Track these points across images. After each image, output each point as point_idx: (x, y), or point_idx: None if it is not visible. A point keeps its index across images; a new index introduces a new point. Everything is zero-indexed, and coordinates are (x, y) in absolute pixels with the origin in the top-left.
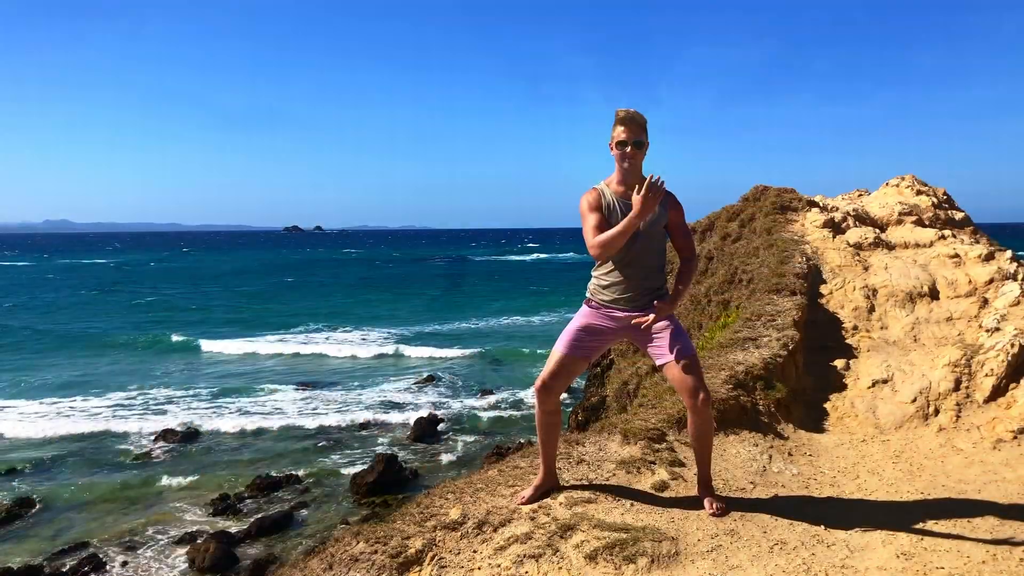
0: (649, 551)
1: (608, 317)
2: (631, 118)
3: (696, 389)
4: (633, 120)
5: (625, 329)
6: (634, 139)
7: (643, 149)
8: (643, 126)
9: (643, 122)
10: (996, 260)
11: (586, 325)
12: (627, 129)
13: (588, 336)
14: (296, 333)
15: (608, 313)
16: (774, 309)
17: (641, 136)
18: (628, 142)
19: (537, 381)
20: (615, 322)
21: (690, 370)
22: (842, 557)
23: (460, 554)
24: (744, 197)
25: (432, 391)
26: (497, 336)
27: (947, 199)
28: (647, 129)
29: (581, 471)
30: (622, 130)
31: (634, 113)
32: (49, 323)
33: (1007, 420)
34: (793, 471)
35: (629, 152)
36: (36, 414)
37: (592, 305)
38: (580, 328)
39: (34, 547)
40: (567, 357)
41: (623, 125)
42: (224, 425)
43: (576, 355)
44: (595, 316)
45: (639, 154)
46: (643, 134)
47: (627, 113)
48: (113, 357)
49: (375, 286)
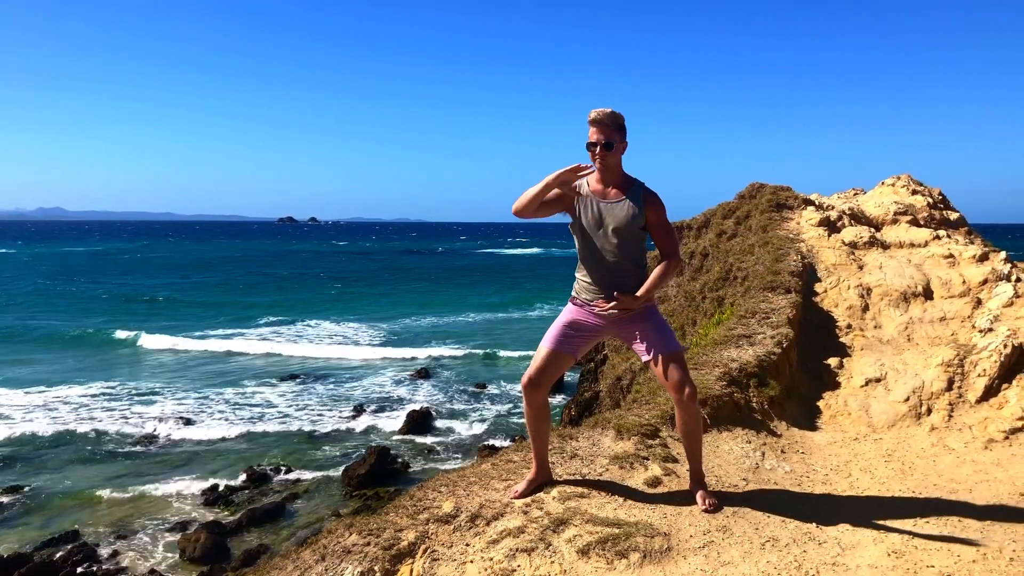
0: (641, 546)
1: (592, 314)
2: (599, 119)
3: (681, 383)
4: (601, 122)
5: (610, 326)
6: (604, 141)
7: (613, 150)
8: (614, 127)
9: (614, 123)
10: (990, 261)
11: (572, 321)
12: (596, 131)
13: (574, 332)
14: (271, 326)
15: (591, 310)
16: (769, 307)
17: (612, 137)
18: (597, 143)
19: (524, 377)
20: (600, 319)
21: (675, 365)
22: (833, 554)
23: (453, 547)
24: (740, 194)
25: (425, 384)
26: (491, 329)
27: (942, 199)
28: (623, 127)
29: (574, 466)
30: (592, 131)
31: (605, 114)
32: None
33: (999, 420)
34: (786, 468)
35: (598, 153)
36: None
37: (576, 303)
38: (566, 324)
39: (23, 536)
40: (553, 353)
41: (593, 127)
42: (216, 417)
43: (562, 351)
44: (580, 313)
45: (608, 155)
46: (615, 134)
47: (597, 115)
48: (62, 353)
49: (364, 279)
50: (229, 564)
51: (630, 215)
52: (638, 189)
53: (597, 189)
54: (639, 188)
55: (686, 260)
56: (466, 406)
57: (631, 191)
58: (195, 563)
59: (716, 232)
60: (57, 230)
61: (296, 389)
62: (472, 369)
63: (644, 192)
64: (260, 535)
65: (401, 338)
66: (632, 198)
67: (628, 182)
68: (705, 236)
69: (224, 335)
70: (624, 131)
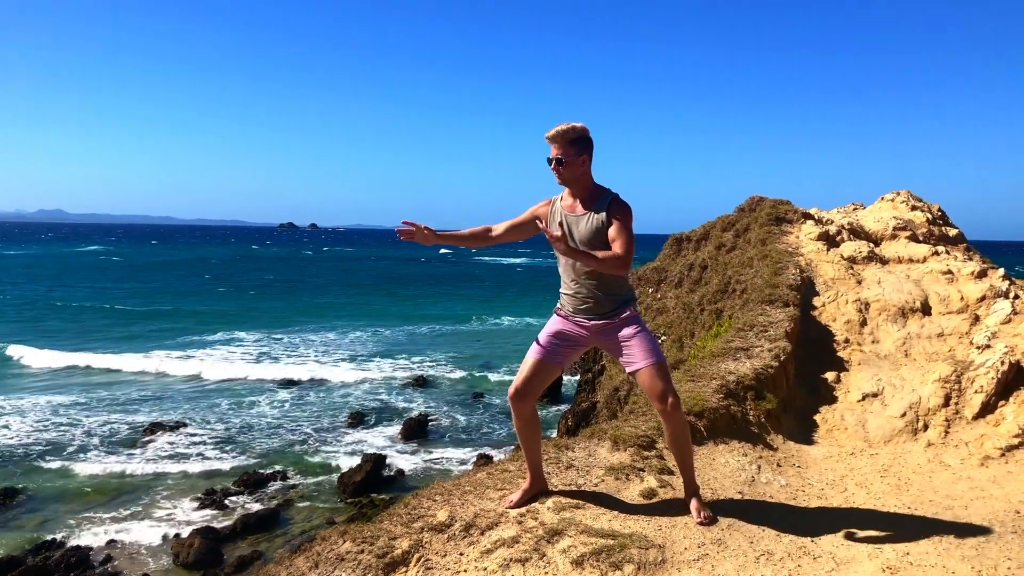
0: (636, 558)
1: (576, 325)
2: (552, 136)
3: (665, 393)
4: (554, 138)
5: (595, 336)
6: (556, 156)
7: (565, 165)
8: (566, 142)
9: (564, 138)
10: (989, 277)
11: (557, 331)
12: (552, 147)
13: (560, 343)
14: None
15: (575, 321)
16: (767, 320)
17: (564, 152)
18: (552, 159)
19: (511, 388)
20: (584, 330)
21: (658, 376)
22: (828, 569)
23: (446, 556)
24: (740, 208)
25: (422, 393)
26: (489, 338)
27: (941, 215)
28: (577, 141)
29: (570, 476)
30: (551, 148)
31: (558, 131)
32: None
33: (995, 437)
34: (781, 482)
35: (553, 168)
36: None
37: (560, 314)
38: (552, 335)
39: (16, 539)
40: (540, 363)
41: (550, 143)
42: (211, 420)
43: (549, 361)
44: (565, 324)
45: (562, 169)
46: (568, 149)
47: (552, 132)
48: None
49: (362, 285)
50: (223, 570)
51: (594, 227)
52: (605, 200)
53: (567, 204)
54: (607, 199)
55: (685, 272)
56: (463, 414)
57: (598, 203)
58: (189, 568)
59: (715, 245)
60: (12, 232)
61: (292, 396)
62: (470, 378)
63: (611, 202)
64: (254, 541)
65: (397, 346)
66: (597, 210)
67: (596, 194)
68: (704, 248)
69: (221, 340)
70: (580, 144)
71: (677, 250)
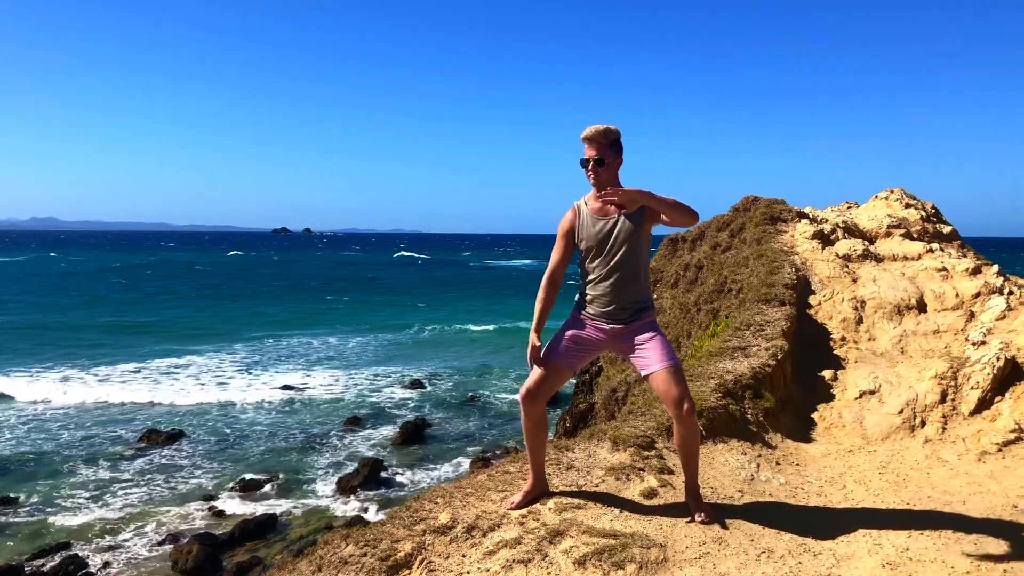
0: (637, 557)
1: (595, 328)
2: (592, 137)
3: (681, 399)
4: (594, 139)
5: (612, 340)
6: (595, 158)
7: (605, 166)
8: (606, 143)
9: (606, 140)
10: (983, 274)
11: (573, 335)
12: (589, 147)
13: (575, 345)
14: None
15: (594, 325)
16: (763, 319)
17: (604, 153)
18: (590, 160)
19: (522, 389)
20: (602, 334)
21: (675, 380)
22: (828, 566)
23: (449, 558)
24: (734, 207)
25: (420, 395)
26: (486, 341)
27: (935, 213)
28: (616, 143)
29: (571, 477)
30: (586, 149)
31: (597, 131)
32: None
33: (992, 433)
34: (781, 480)
35: (591, 169)
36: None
37: (578, 316)
38: (568, 337)
39: (14, 547)
40: (553, 365)
41: (585, 143)
42: (207, 427)
43: (562, 364)
44: (582, 327)
45: (600, 171)
46: (607, 151)
47: (590, 132)
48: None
49: (356, 290)
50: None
51: (627, 229)
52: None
53: (595, 207)
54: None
55: (680, 273)
56: (461, 417)
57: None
58: (188, 575)
59: (711, 244)
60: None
61: (288, 402)
62: (467, 380)
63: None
64: (252, 547)
65: (396, 350)
66: (628, 212)
67: None
68: (700, 248)
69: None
70: (618, 147)
71: (673, 250)
